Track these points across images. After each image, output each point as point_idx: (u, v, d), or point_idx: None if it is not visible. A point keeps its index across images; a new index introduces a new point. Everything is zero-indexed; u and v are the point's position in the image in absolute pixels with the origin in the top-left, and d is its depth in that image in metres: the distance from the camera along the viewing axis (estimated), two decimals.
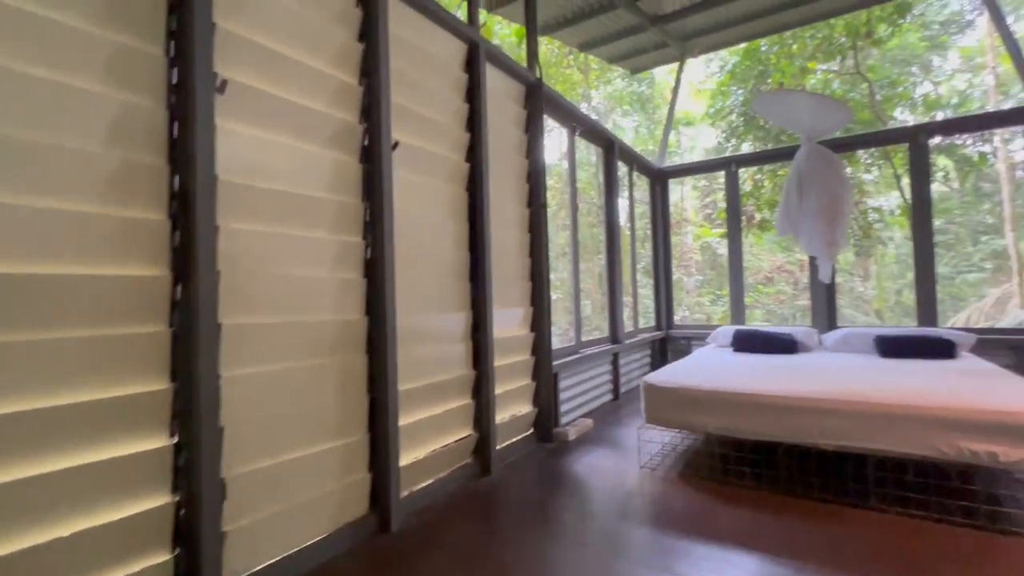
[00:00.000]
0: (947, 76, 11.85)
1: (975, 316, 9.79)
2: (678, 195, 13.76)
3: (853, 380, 2.76)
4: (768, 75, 8.87)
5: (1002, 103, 9.77)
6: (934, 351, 3.50)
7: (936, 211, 12.15)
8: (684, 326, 6.42)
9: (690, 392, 2.80)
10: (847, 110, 3.45)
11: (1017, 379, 2.72)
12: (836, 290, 5.24)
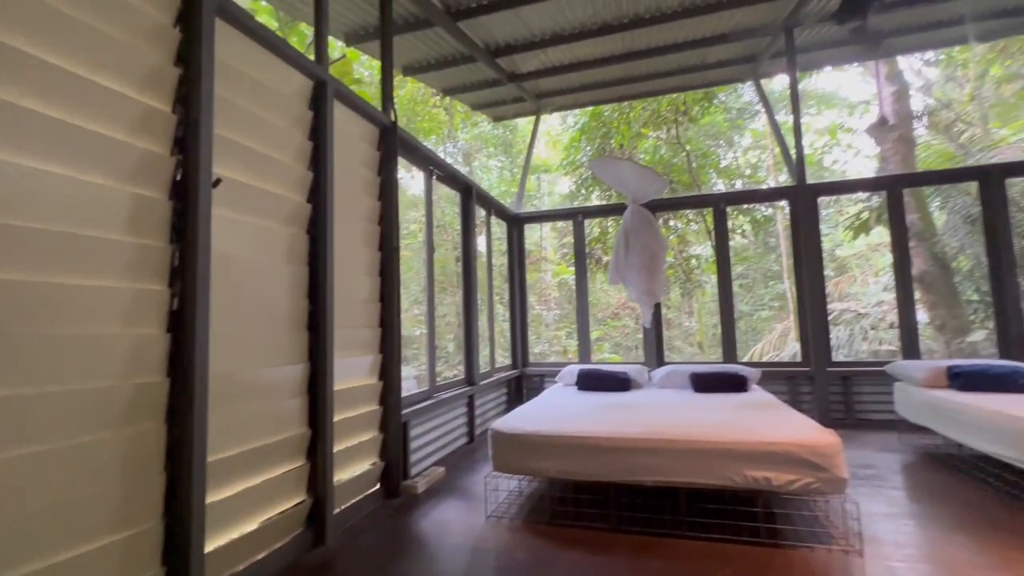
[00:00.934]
0: (743, 151, 14.65)
1: (767, 347, 11.89)
2: (539, 234, 14.69)
3: (669, 417, 3.12)
4: (611, 136, 10.06)
5: (779, 175, 12.37)
6: (732, 385, 4.16)
7: (738, 259, 14.79)
8: (539, 364, 6.73)
9: (532, 438, 2.91)
10: (663, 181, 4.05)
11: (786, 410, 3.33)
12: (663, 328, 5.98)
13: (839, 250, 13.50)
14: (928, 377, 3.84)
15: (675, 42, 5.64)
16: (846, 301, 11.42)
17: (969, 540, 2.54)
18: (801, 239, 5.38)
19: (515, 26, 5.11)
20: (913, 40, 5.80)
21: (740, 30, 5.43)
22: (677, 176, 10.24)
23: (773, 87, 13.76)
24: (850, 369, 5.16)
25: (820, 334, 5.21)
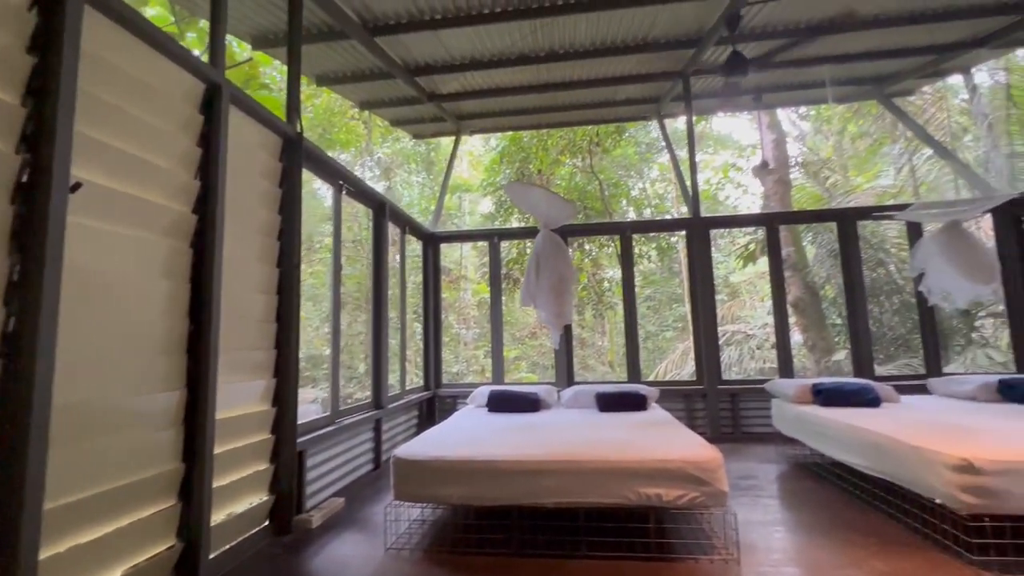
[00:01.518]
0: (652, 183, 15.79)
1: (670, 365, 12.70)
2: (460, 253, 14.67)
3: (571, 438, 3.20)
4: (530, 161, 10.39)
5: (681, 207, 13.45)
6: (632, 404, 4.38)
7: (647, 283, 15.77)
8: (452, 385, 6.65)
9: (436, 463, 2.84)
10: (573, 208, 4.25)
11: (678, 427, 3.55)
12: (574, 349, 6.17)
13: (732, 276, 14.85)
14: (797, 394, 4.31)
15: (588, 78, 5.98)
16: (737, 323, 12.54)
17: (828, 542, 2.84)
18: (696, 267, 5.85)
19: (435, 47, 5.14)
20: (787, 96, 6.65)
21: (644, 73, 5.90)
22: (591, 203, 10.77)
23: (678, 125, 15.06)
24: (737, 387, 5.65)
25: (712, 354, 5.67)
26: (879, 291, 8.95)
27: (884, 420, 3.41)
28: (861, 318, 5.61)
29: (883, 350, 9.05)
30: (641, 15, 4.75)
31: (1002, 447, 2.54)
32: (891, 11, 4.70)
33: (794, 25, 4.94)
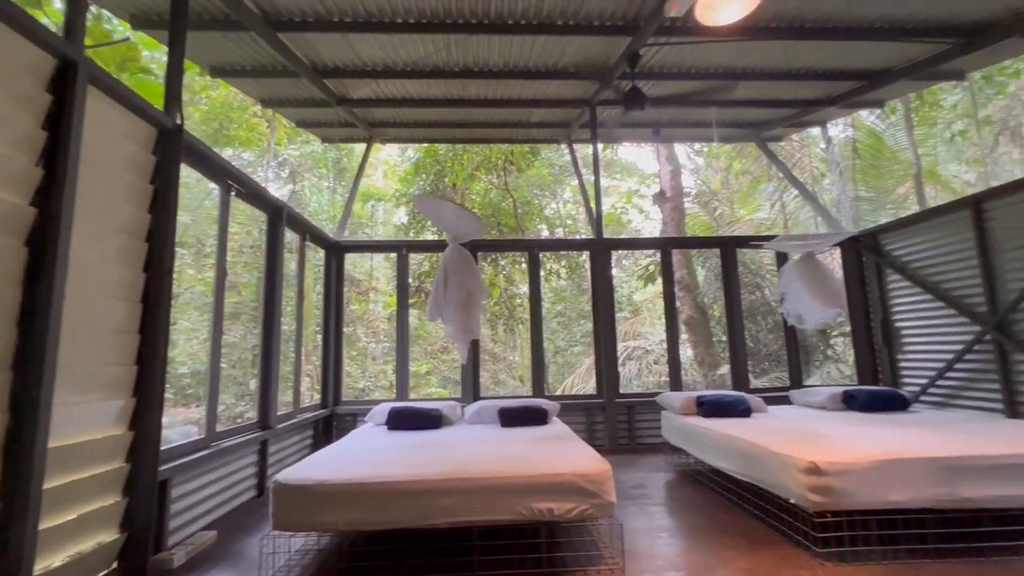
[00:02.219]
0: (564, 203, 16.43)
1: (576, 379, 13.15)
2: (370, 263, 14.15)
3: (469, 455, 3.16)
4: (445, 174, 10.35)
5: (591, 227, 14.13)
6: (534, 419, 4.45)
7: (558, 299, 16.27)
8: (353, 402, 6.32)
9: (320, 488, 2.65)
10: (481, 223, 4.28)
11: (573, 441, 3.65)
12: (482, 364, 6.17)
13: (636, 295, 15.80)
14: (683, 406, 4.65)
15: (502, 97, 6.11)
16: (638, 339, 13.34)
17: (704, 544, 3.06)
18: (598, 285, 6.15)
19: (344, 51, 4.97)
20: (681, 132, 7.28)
21: (555, 98, 6.15)
22: (504, 220, 10.95)
23: (589, 151, 15.89)
24: (633, 400, 5.97)
25: (611, 369, 5.95)
26: (756, 312, 10.01)
27: (752, 429, 3.77)
28: (739, 336, 6.22)
29: (759, 365, 10.10)
30: (552, 43, 4.96)
31: (842, 451, 2.91)
32: (764, 67, 5.35)
33: (685, 69, 5.43)
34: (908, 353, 5.78)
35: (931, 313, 5.43)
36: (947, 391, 5.30)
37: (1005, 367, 4.67)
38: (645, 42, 4.74)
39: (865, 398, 4.55)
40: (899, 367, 5.88)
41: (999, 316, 4.66)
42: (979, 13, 4.35)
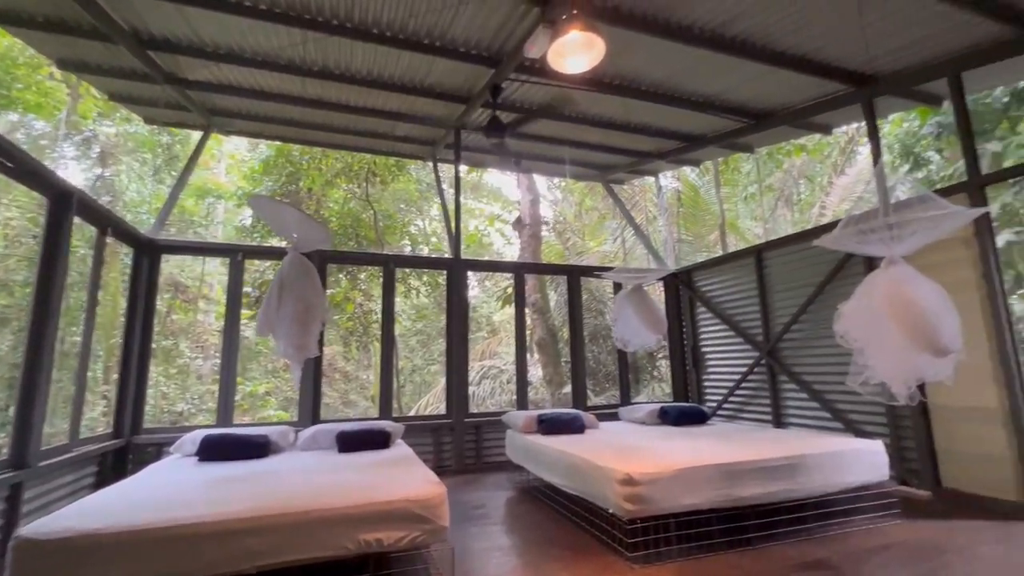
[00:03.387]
0: (430, 220, 16.35)
1: (432, 399, 12.98)
2: (203, 267, 12.37)
3: (293, 486, 2.87)
4: (300, 177, 9.60)
5: None
6: (375, 443, 4.24)
7: (419, 316, 16.01)
8: (160, 429, 5.37)
9: (85, 540, 2.15)
10: (327, 233, 4.02)
11: (412, 465, 3.55)
12: (323, 384, 5.73)
13: (496, 316, 16.25)
14: (525, 424, 4.85)
15: (365, 106, 5.90)
16: (494, 359, 13.69)
17: (534, 559, 3.17)
18: (452, 304, 6.18)
19: (178, 24, 4.35)
20: (540, 166, 7.79)
21: (421, 115, 6.14)
22: (364, 232, 10.50)
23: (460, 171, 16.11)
24: (481, 419, 6.06)
25: (461, 389, 5.98)
26: (599, 335, 11.00)
27: (583, 444, 4.08)
28: (580, 357, 6.75)
29: (599, 384, 11.07)
30: (418, 60, 4.95)
31: (652, 462, 3.28)
32: (610, 118, 6.00)
33: (544, 107, 5.85)
34: (711, 374, 6.84)
35: (726, 340, 6.52)
36: (736, 406, 6.37)
37: (774, 385, 5.79)
38: (507, 76, 5.00)
39: (675, 413, 5.25)
40: (704, 386, 6.93)
41: (770, 344, 5.77)
42: (763, 103, 5.47)
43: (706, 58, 4.50)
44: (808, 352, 5.39)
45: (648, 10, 4.03)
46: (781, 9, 3.89)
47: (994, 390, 3.83)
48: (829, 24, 4.00)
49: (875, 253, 3.27)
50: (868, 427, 4.73)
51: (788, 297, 5.64)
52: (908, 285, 2.95)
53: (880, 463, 3.72)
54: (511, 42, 4.56)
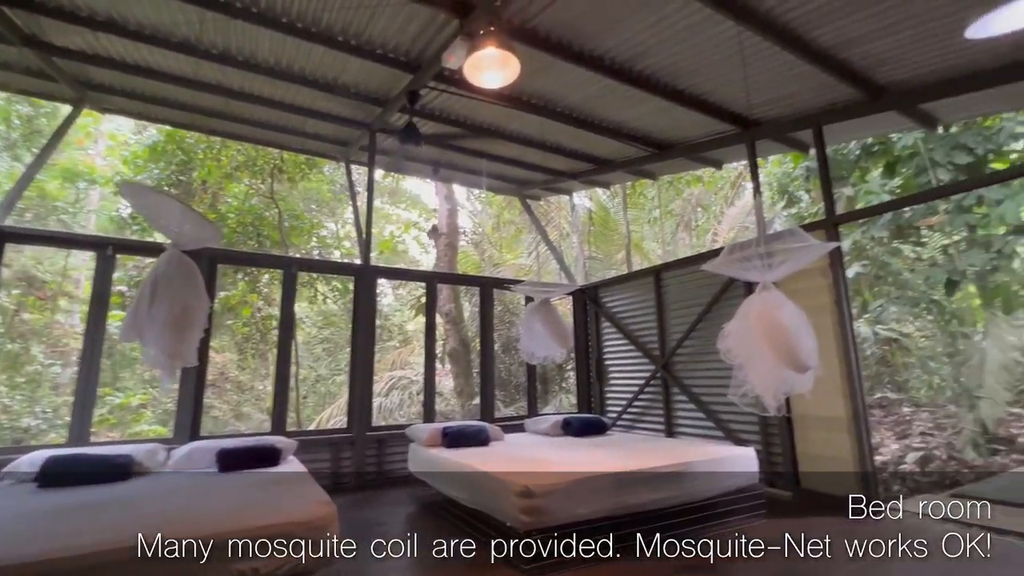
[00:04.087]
0: (343, 224, 15.64)
1: (335, 411, 12.30)
2: (66, 261, 10.76)
3: (156, 515, 2.54)
4: (193, 168, 8.74)
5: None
6: (263, 460, 3.90)
7: (326, 322, 15.16)
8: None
9: None
10: (216, 230, 3.67)
11: (303, 484, 3.32)
12: (204, 395, 5.20)
13: (409, 325, 15.83)
14: (429, 438, 4.75)
15: (272, 98, 5.53)
16: (406, 369, 13.32)
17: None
18: (359, 312, 5.92)
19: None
20: (458, 176, 7.77)
21: (334, 114, 5.87)
22: (268, 232, 9.78)
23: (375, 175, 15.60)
24: (385, 432, 5.83)
25: (365, 401, 5.73)
26: (511, 346, 11.13)
27: (486, 457, 4.07)
28: (489, 369, 6.77)
29: (510, 395, 11.18)
30: (332, 57, 4.75)
31: (550, 473, 3.34)
32: (526, 135, 6.15)
33: (462, 118, 5.86)
34: (613, 386, 7.18)
35: (627, 354, 6.90)
36: (634, 416, 6.74)
37: (667, 397, 6.21)
38: (425, 83, 4.95)
39: (577, 424, 5.43)
40: (606, 397, 7.25)
41: (665, 358, 6.20)
42: (665, 135, 5.92)
43: (616, 88, 4.78)
44: (697, 366, 5.85)
45: (564, 37, 4.21)
46: (680, 52, 4.25)
47: (841, 401, 4.41)
48: (720, 71, 4.43)
49: (751, 279, 3.64)
50: (744, 435, 5.22)
51: (682, 315, 6.10)
52: (777, 308, 3.32)
53: (752, 468, 4.11)
54: (430, 50, 4.52)
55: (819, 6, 3.51)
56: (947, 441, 7.29)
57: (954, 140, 6.87)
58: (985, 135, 6.79)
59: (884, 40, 3.80)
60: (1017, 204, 6.40)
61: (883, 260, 8.38)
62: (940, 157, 6.91)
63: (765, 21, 3.65)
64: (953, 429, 7.35)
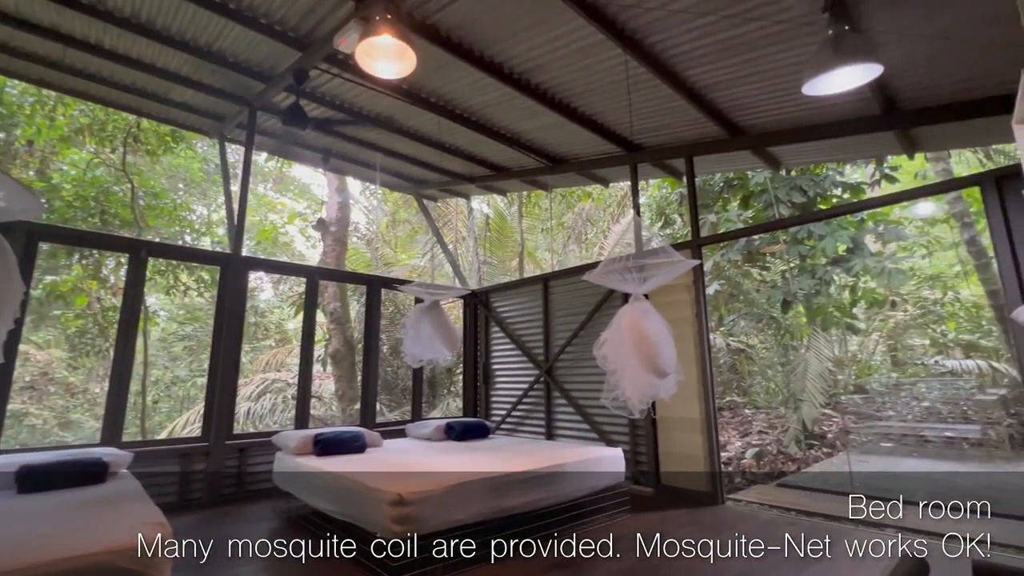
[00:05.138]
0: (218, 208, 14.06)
1: (194, 416, 10.92)
2: None
3: None
4: (16, 124, 7.23)
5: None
6: (84, 477, 3.29)
7: (189, 317, 13.45)
8: None
9: None
10: (34, 199, 3.04)
11: (133, 503, 2.85)
12: (52, 396, 4.28)
13: (289, 323, 14.62)
14: (299, 445, 4.38)
15: (129, 54, 4.78)
16: (282, 371, 12.27)
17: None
18: (225, 308, 5.32)
19: None
20: (351, 167, 7.35)
21: (207, 83, 5.24)
22: (116, 209, 8.41)
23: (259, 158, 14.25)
24: (248, 441, 5.28)
25: (226, 406, 5.14)
26: (399, 349, 10.80)
27: (360, 465, 3.85)
28: (372, 372, 6.48)
29: (396, 399, 10.82)
30: (206, 18, 4.24)
31: (425, 480, 3.26)
32: (424, 133, 6.01)
33: (356, 107, 5.56)
34: (499, 389, 7.28)
35: (514, 359, 7.04)
36: (517, 420, 6.89)
37: (549, 401, 6.44)
38: (315, 64, 4.62)
39: (459, 428, 5.39)
40: (491, 401, 7.32)
41: (549, 363, 6.43)
42: (559, 149, 6.17)
43: (516, 98, 4.87)
44: (576, 371, 6.15)
45: (465, 38, 4.19)
46: (574, 72, 4.46)
47: (697, 404, 4.92)
48: (610, 95, 4.73)
49: (626, 290, 3.91)
50: (615, 436, 5.59)
51: (566, 322, 6.38)
52: (643, 318, 3.60)
53: (619, 467, 4.41)
54: (322, 29, 4.24)
55: (692, 49, 3.90)
56: (777, 438, 8.51)
57: (792, 182, 8.12)
58: (815, 180, 8.12)
59: (742, 88, 4.35)
60: (835, 240, 7.74)
61: (737, 280, 9.60)
62: (782, 195, 8.11)
63: (649, 55, 3.97)
64: (782, 428, 8.61)
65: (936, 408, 8.19)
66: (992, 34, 3.20)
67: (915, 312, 10.62)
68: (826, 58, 2.85)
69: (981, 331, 9.62)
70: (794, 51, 3.75)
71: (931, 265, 11.11)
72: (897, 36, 3.33)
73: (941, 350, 9.91)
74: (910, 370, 10.29)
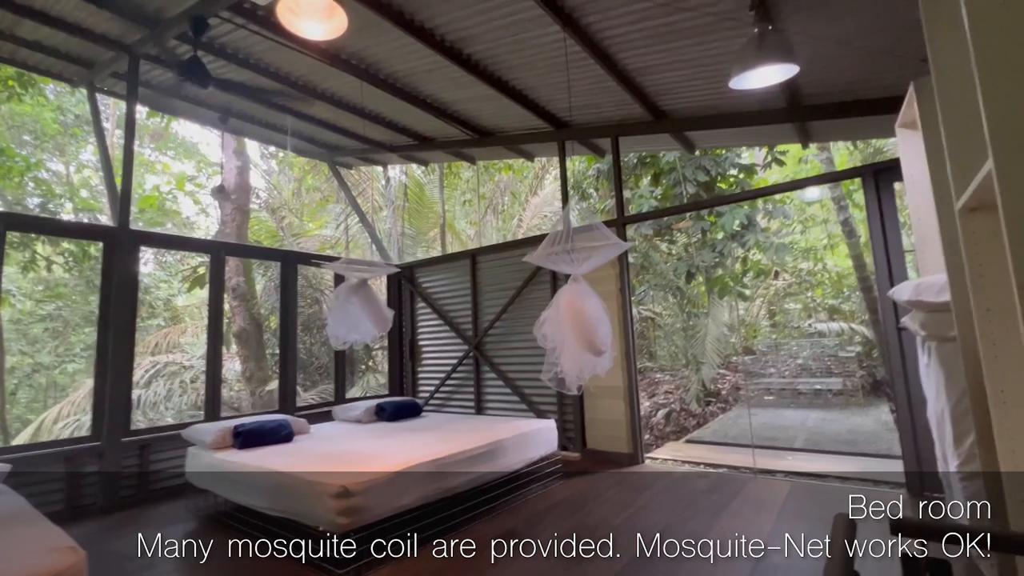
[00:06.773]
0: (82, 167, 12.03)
1: (68, 408, 9.59)
2: None
3: None
4: None
5: None
6: None
7: (52, 295, 11.58)
8: None
9: None
10: None
11: (29, 525, 2.47)
12: None
13: (179, 300, 13.14)
14: (217, 439, 4.02)
15: None
16: (175, 352, 11.09)
17: None
18: (116, 287, 4.64)
19: None
20: (254, 130, 6.62)
21: (70, 22, 4.37)
22: None
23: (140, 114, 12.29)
24: (150, 436, 4.76)
25: (121, 401, 4.56)
26: (312, 325, 10.21)
27: (291, 456, 3.65)
28: (291, 354, 6.08)
29: (310, 378, 10.29)
30: None
31: (368, 468, 3.17)
32: (343, 97, 5.56)
33: (264, 65, 4.98)
34: (426, 366, 7.21)
35: (441, 334, 6.99)
36: (445, 396, 6.90)
37: (478, 376, 6.51)
38: (217, 12, 4.03)
39: (392, 409, 5.29)
40: (418, 378, 7.25)
41: (478, 338, 6.47)
42: (487, 122, 6.04)
43: (446, 67, 4.65)
44: (506, 346, 6.27)
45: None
46: (509, 45, 4.34)
47: (620, 374, 5.26)
48: (543, 71, 4.69)
49: (564, 271, 4.02)
50: (545, 407, 5.83)
51: (494, 297, 6.43)
52: (581, 298, 3.73)
53: (552, 437, 4.62)
54: None
55: (627, 33, 3.97)
56: (680, 397, 9.42)
57: (697, 161, 8.73)
58: (717, 161, 8.81)
59: (669, 74, 4.53)
60: (733, 218, 8.53)
61: (648, 253, 10.25)
62: (689, 174, 8.71)
63: (586, 34, 3.98)
64: (684, 388, 9.53)
65: (808, 365, 9.54)
66: (883, 43, 3.63)
67: (791, 280, 12.14)
68: (751, 55, 3.06)
69: (842, 297, 11.26)
70: (717, 43, 3.97)
71: (805, 240, 12.69)
72: (807, 38, 3.65)
73: (811, 314, 11.47)
74: (786, 332, 11.81)
